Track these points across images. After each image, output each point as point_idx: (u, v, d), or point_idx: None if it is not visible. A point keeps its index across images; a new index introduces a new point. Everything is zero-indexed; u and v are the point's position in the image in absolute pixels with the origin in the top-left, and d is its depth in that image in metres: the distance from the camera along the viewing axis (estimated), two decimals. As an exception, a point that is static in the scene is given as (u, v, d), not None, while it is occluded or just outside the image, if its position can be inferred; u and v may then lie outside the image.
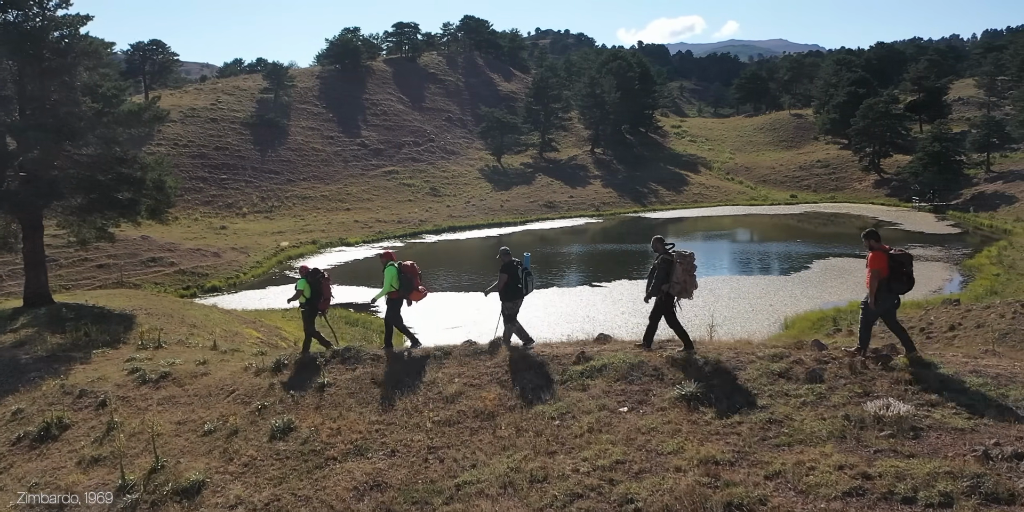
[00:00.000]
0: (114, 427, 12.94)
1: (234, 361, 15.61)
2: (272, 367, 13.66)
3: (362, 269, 53.63)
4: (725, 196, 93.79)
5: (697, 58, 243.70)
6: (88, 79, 24.63)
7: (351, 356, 13.12)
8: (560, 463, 8.47)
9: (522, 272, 13.61)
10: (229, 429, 11.59)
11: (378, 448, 9.90)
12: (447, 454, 9.39)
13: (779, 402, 9.09)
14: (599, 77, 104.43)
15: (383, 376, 12.09)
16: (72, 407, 14.59)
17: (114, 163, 24.14)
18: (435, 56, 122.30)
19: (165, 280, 45.09)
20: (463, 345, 13.09)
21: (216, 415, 12.37)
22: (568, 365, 11.20)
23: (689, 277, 11.85)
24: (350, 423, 10.69)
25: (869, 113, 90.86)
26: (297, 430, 10.92)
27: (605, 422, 9.33)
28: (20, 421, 14.72)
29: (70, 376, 16.71)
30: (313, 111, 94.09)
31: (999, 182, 79.43)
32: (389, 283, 13.98)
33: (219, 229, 62.49)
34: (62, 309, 24.92)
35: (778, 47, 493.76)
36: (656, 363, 10.77)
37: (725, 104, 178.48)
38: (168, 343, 21.46)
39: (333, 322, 36.25)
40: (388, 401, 11.18)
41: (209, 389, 13.66)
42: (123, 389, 14.82)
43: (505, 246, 14.51)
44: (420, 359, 12.53)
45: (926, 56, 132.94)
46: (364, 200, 77.82)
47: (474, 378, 11.40)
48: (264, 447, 10.70)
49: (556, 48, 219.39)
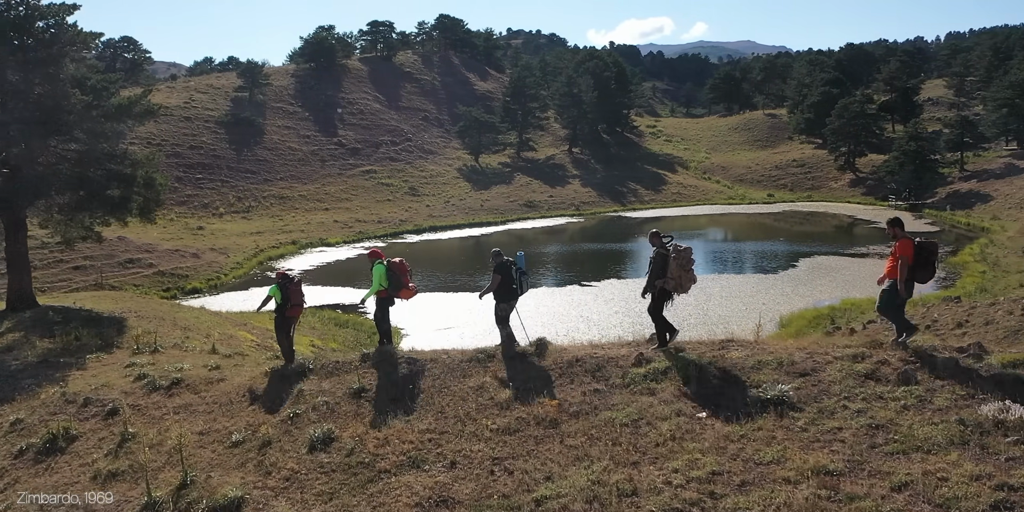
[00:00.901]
0: (129, 438, 12.07)
1: (248, 366, 14.77)
2: (296, 372, 12.85)
3: (345, 269, 52.67)
4: (703, 195, 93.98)
5: (668, 59, 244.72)
6: (75, 71, 23.48)
7: (385, 359, 12.36)
8: (647, 475, 7.84)
9: (516, 272, 13.04)
10: (261, 439, 10.78)
11: (435, 460, 9.17)
12: (514, 465, 8.70)
13: (876, 406, 8.53)
14: (576, 76, 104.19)
15: (424, 380, 11.35)
16: (77, 416, 13.66)
17: (103, 159, 22.99)
18: (410, 55, 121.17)
19: (144, 282, 43.76)
20: (467, 352, 12.41)
21: (242, 424, 11.54)
22: (627, 367, 10.57)
23: (684, 272, 11.54)
24: (398, 432, 9.94)
25: (844, 113, 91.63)
26: (339, 440, 10.15)
27: (686, 429, 8.72)
28: (20, 432, 13.75)
29: (69, 383, 15.73)
30: (289, 110, 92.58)
31: (973, 181, 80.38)
32: (378, 282, 13.48)
33: (196, 230, 61.04)
34: (48, 312, 23.77)
35: (746, 48, 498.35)
36: (724, 365, 10.17)
37: (697, 104, 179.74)
38: (164, 347, 20.50)
39: (322, 324, 35.66)
40: (436, 408, 10.45)
41: (228, 396, 12.80)
42: (132, 397, 13.92)
43: (496, 248, 13.88)
44: (461, 362, 11.80)
45: (895, 57, 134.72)
46: (343, 200, 76.64)
47: (525, 382, 10.72)
48: (305, 459, 9.92)
49: (529, 48, 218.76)
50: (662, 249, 11.72)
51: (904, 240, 10.76)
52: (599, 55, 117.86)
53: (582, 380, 10.45)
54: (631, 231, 72.92)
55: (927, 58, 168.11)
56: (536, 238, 67.63)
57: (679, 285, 11.63)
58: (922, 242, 10.79)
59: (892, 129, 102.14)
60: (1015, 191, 73.45)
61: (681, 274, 11.52)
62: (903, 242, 10.73)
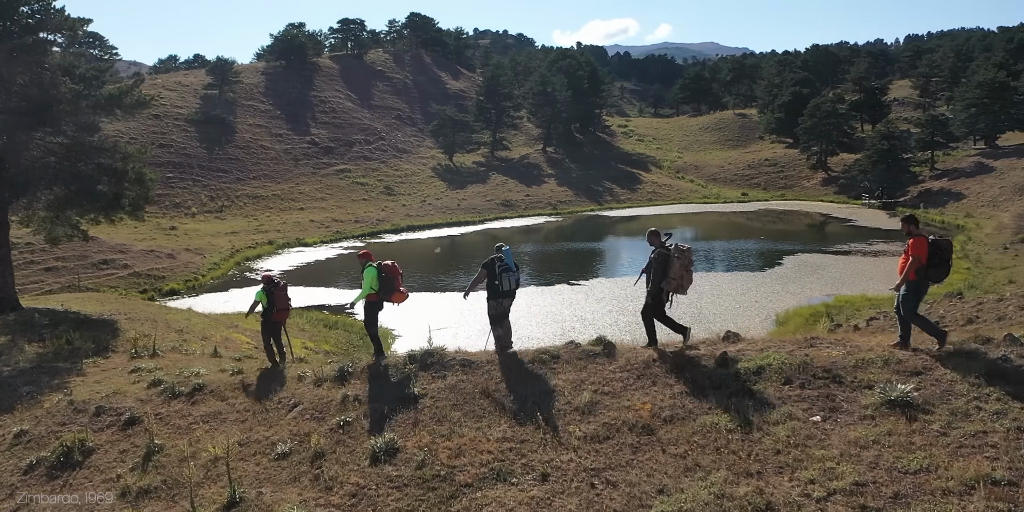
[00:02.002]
0: (156, 450, 11.04)
1: (273, 370, 13.73)
2: (335, 376, 11.90)
3: (326, 270, 51.45)
4: (678, 194, 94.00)
5: (635, 59, 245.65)
6: (61, 59, 22.09)
7: (435, 362, 11.48)
8: (778, 486, 7.10)
9: (498, 268, 12.39)
10: (312, 451, 9.83)
11: (522, 472, 8.34)
12: (616, 477, 7.91)
13: (1016, 406, 7.87)
14: (550, 75, 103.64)
15: (487, 384, 10.49)
16: (91, 427, 12.55)
17: (92, 152, 21.64)
18: (381, 53, 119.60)
19: (120, 283, 42.12)
20: (568, 346, 11.56)
21: (286, 434, 10.58)
22: (713, 368, 9.84)
23: (686, 273, 11.22)
24: (471, 442, 9.09)
25: (816, 112, 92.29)
26: (404, 451, 9.25)
27: (805, 434, 8.00)
28: (27, 445, 12.62)
29: (74, 390, 14.58)
30: (260, 108, 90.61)
31: (944, 179, 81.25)
32: (369, 285, 12.93)
33: (168, 230, 59.24)
34: (34, 315, 22.38)
35: (710, 50, 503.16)
36: (822, 364, 9.47)
37: (665, 104, 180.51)
38: (163, 351, 19.36)
39: (311, 326, 34.56)
40: (507, 414, 9.60)
41: (262, 403, 11.81)
42: (150, 405, 12.84)
43: (500, 243, 13.24)
44: (523, 364, 10.95)
45: (860, 58, 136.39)
46: (318, 199, 75.12)
47: (603, 385, 9.92)
48: (369, 473, 9.01)
49: (497, 48, 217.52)
50: (663, 249, 11.26)
51: (918, 238, 10.36)
52: (572, 54, 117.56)
53: (665, 382, 9.69)
54: (611, 230, 72.64)
55: (889, 59, 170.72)
56: (516, 237, 66.87)
57: (680, 286, 11.25)
58: (937, 240, 10.39)
59: (861, 129, 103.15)
60: (986, 189, 74.32)
61: (683, 274, 11.16)
62: (917, 240, 10.32)
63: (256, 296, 14.58)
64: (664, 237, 11.52)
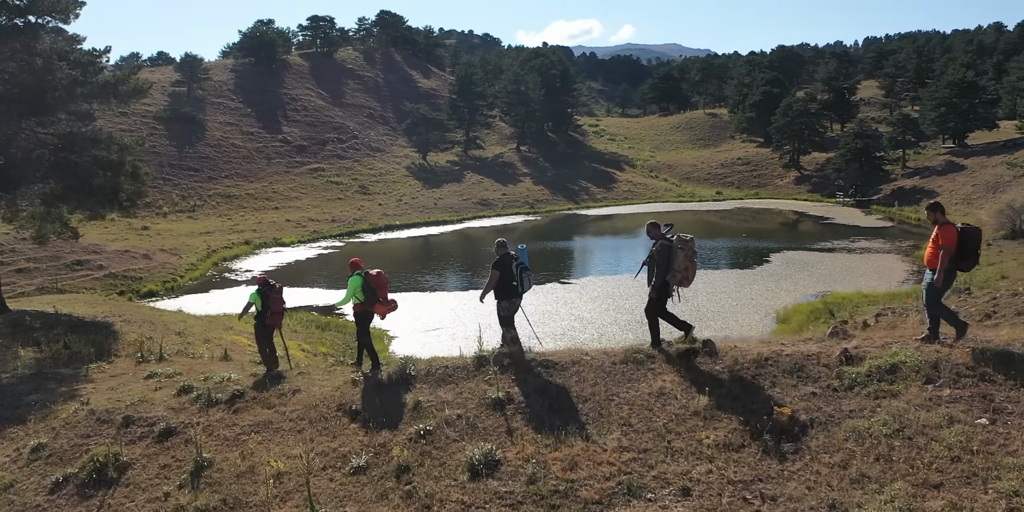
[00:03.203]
0: (206, 465, 9.91)
1: (315, 373, 12.63)
2: (396, 380, 10.86)
3: (307, 270, 50.13)
4: (653, 193, 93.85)
5: (601, 60, 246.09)
6: (52, 43, 20.55)
7: (511, 363, 10.50)
8: (975, 500, 6.30)
9: (517, 267, 11.80)
10: (395, 464, 8.79)
11: (656, 485, 7.43)
12: (772, 491, 7.04)
13: None
14: (523, 74, 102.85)
15: (580, 387, 9.55)
16: (120, 439, 11.34)
17: (86, 143, 20.18)
18: (351, 51, 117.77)
19: (96, 285, 40.35)
20: (665, 345, 10.65)
21: (356, 445, 9.51)
22: (836, 366, 9.00)
23: (691, 264, 10.58)
24: (584, 452, 8.14)
25: (789, 111, 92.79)
26: (506, 463, 8.27)
27: (981, 439, 7.20)
28: (48, 460, 11.37)
29: (90, 398, 13.31)
30: (230, 106, 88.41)
31: (916, 178, 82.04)
32: (351, 293, 12.50)
33: (140, 230, 57.26)
34: (25, 317, 20.89)
35: (673, 51, 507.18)
36: (960, 360, 8.70)
37: (632, 105, 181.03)
38: (169, 354, 18.12)
39: (303, 327, 33.35)
40: (616, 421, 8.67)
41: (317, 410, 10.70)
42: (184, 413, 11.67)
43: (501, 238, 12.56)
44: (614, 364, 10.02)
45: (824, 59, 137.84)
46: (292, 199, 73.39)
47: (716, 387, 9.01)
48: (471, 488, 8.02)
49: (463, 48, 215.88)
50: (665, 240, 10.72)
51: (947, 226, 9.91)
52: (544, 53, 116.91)
53: (784, 383, 8.85)
54: (591, 228, 72.14)
55: (852, 61, 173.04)
56: (496, 236, 65.99)
57: (685, 278, 10.64)
58: (965, 228, 9.97)
59: (831, 128, 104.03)
60: (958, 187, 75.15)
61: (688, 266, 10.56)
62: (946, 229, 9.87)
63: (250, 298, 13.97)
64: (665, 228, 10.95)
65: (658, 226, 11.02)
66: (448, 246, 62.01)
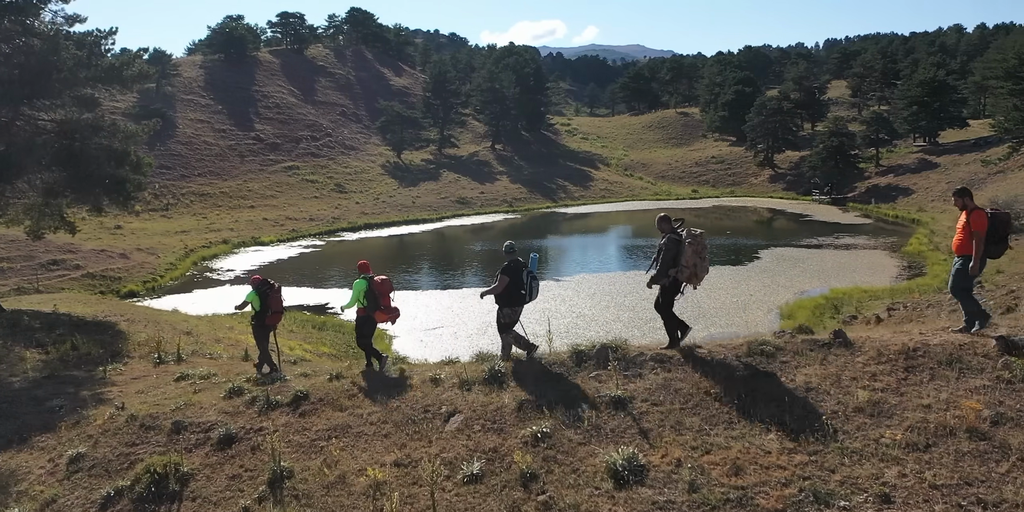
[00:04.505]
0: (286, 475, 8.86)
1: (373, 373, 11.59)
2: (486, 378, 9.89)
3: (290, 269, 48.64)
4: (630, 191, 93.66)
5: (568, 60, 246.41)
6: (55, 21, 19.11)
7: (619, 358, 9.60)
8: None
9: (526, 275, 11.43)
10: (517, 471, 7.83)
11: (846, 491, 6.60)
12: (989, 497, 6.24)
13: None
14: (498, 71, 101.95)
15: (707, 384, 8.68)
16: (173, 447, 10.23)
17: (89, 130, 18.78)
18: (322, 49, 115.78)
19: (74, 284, 38.53)
20: (784, 336, 9.84)
21: (461, 450, 8.54)
22: (998, 357, 8.26)
23: (700, 260, 10.25)
24: (744, 455, 7.28)
25: (763, 110, 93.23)
26: (654, 468, 7.38)
27: None
28: (91, 472, 10.21)
29: (125, 403, 12.12)
30: (201, 103, 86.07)
31: (890, 175, 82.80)
32: (355, 298, 12.43)
33: (114, 229, 55.22)
34: (23, 317, 19.46)
35: (637, 52, 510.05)
36: None
37: (600, 104, 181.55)
38: (186, 355, 16.92)
39: (299, 327, 32.12)
40: (764, 418, 7.82)
41: (400, 412, 9.69)
42: (242, 418, 10.58)
43: (510, 241, 12.05)
44: (735, 358, 9.17)
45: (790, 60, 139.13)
46: (268, 197, 71.61)
47: (870, 380, 8.22)
48: (623, 498, 7.08)
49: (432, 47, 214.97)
50: (674, 234, 10.45)
51: (978, 211, 9.60)
52: (518, 51, 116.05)
53: (945, 375, 8.10)
54: (573, 226, 71.51)
55: (816, 62, 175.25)
56: (480, 234, 65.07)
57: (694, 275, 10.34)
58: (996, 213, 9.64)
59: (802, 127, 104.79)
60: (933, 184, 75.87)
61: (697, 262, 10.23)
62: (977, 214, 9.54)
63: (247, 297, 13.81)
64: (676, 223, 10.59)
65: (669, 220, 10.64)
66: (432, 244, 61.00)
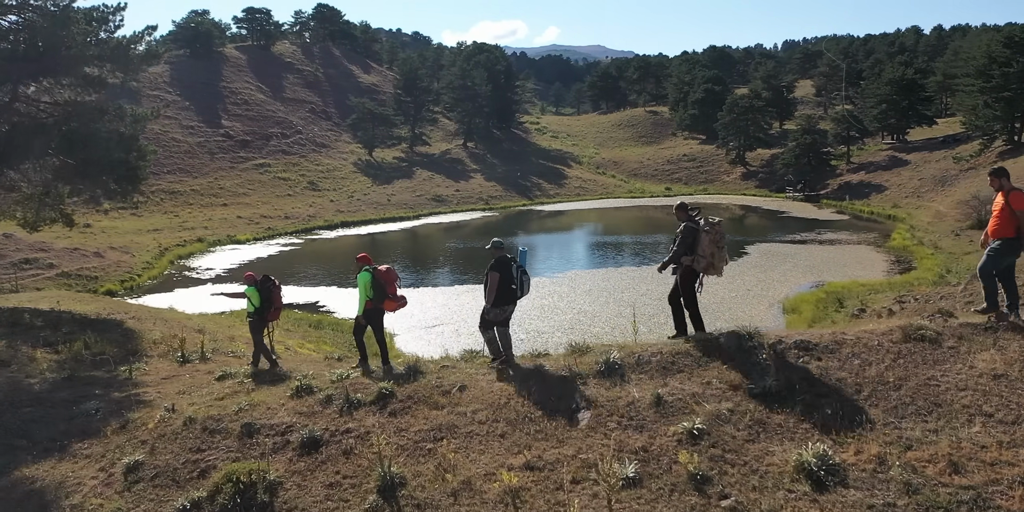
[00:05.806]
0: (398, 482, 7.86)
1: (465, 366, 10.61)
2: (601, 371, 8.97)
3: (272, 267, 47.01)
4: (604, 189, 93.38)
5: (532, 59, 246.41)
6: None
7: (756, 345, 8.76)
8: None
9: (516, 270, 10.67)
10: (684, 473, 6.95)
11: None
12: None
13: None
14: (469, 68, 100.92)
15: (868, 371, 7.87)
16: (249, 453, 9.15)
17: (94, 114, 17.37)
18: (289, 45, 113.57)
19: (50, 284, 36.72)
20: (940, 319, 9.11)
21: (603, 451, 7.62)
22: None
23: (717, 249, 9.89)
24: (955, 451, 6.51)
25: (735, 108, 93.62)
26: (851, 467, 6.60)
27: None
28: (155, 482, 9.09)
29: (175, 405, 10.95)
30: (167, 99, 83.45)
31: (862, 172, 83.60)
32: (363, 292, 11.99)
33: (83, 227, 52.92)
34: (24, 315, 18.00)
35: (598, 53, 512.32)
36: None
37: (566, 104, 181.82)
38: (209, 354, 15.73)
39: (296, 326, 30.93)
40: (959, 409, 7.04)
41: (511, 409, 8.74)
42: (320, 419, 9.52)
43: (497, 238, 11.31)
44: (892, 344, 8.39)
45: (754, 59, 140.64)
46: (240, 195, 69.72)
47: None
48: (829, 502, 6.24)
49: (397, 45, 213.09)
50: (691, 223, 10.19)
51: (1016, 192, 9.11)
52: (489, 49, 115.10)
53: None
54: (551, 223, 70.86)
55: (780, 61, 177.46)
56: (455, 233, 64.08)
57: (711, 265, 9.95)
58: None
59: (771, 125, 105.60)
60: (905, 181, 76.69)
61: (714, 252, 9.87)
62: (1016, 194, 9.07)
63: (247, 292, 13.64)
64: (693, 211, 10.19)
65: (686, 208, 10.28)
66: (412, 242, 59.93)
